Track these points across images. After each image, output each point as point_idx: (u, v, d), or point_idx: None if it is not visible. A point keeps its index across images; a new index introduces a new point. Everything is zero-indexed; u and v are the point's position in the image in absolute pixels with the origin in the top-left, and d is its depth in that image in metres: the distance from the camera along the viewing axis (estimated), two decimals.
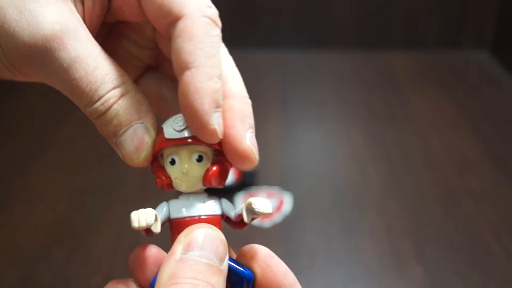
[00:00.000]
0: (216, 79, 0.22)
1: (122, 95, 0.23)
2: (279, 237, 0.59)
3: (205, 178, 0.23)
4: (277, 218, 0.61)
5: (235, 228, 0.25)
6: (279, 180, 0.68)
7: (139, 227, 0.22)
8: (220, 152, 0.24)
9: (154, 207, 0.24)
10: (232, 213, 0.24)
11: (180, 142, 0.23)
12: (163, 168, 0.24)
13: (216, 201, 0.24)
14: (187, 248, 0.21)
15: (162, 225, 0.23)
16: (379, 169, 0.71)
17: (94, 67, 0.22)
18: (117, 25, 0.27)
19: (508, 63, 0.99)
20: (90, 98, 0.22)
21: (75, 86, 0.22)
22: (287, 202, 0.63)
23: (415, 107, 0.87)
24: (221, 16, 0.24)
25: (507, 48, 1.01)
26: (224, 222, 0.25)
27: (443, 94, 0.91)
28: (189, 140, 0.23)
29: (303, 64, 1.02)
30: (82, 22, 0.23)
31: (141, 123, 0.23)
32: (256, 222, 0.60)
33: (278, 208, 0.63)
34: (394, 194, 0.66)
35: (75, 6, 0.23)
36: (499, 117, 0.84)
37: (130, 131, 0.23)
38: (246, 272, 0.23)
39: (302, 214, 0.62)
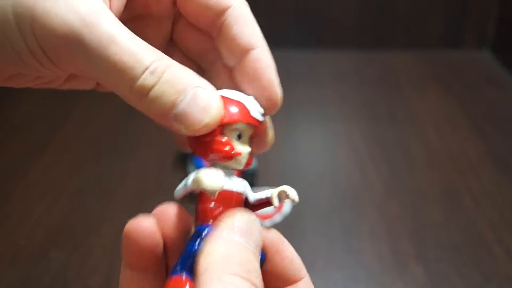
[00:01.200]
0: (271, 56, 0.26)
1: (168, 66, 0.21)
2: None
3: (249, 162, 0.25)
4: (277, 218, 0.61)
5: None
6: (279, 180, 0.67)
7: (211, 188, 0.22)
8: (254, 142, 0.26)
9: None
10: (251, 197, 0.25)
11: (259, 125, 0.25)
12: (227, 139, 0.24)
13: (242, 181, 0.25)
14: (234, 231, 0.21)
15: (189, 194, 0.24)
16: (379, 169, 0.71)
17: (133, 40, 0.21)
18: (132, 20, 0.27)
19: (509, 62, 0.98)
20: (136, 70, 0.21)
21: (117, 61, 0.20)
22: (287, 203, 0.63)
23: (415, 107, 0.87)
24: None
25: (508, 48, 1.01)
26: None
27: (444, 94, 0.91)
28: (264, 125, 0.26)
29: (304, 64, 1.01)
30: (108, 7, 0.22)
31: (198, 86, 0.22)
32: None
33: (278, 208, 0.62)
34: (395, 194, 0.66)
35: None
36: (500, 117, 0.84)
37: (189, 96, 0.21)
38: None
39: (302, 214, 0.62)
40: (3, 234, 0.59)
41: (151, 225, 0.23)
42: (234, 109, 0.24)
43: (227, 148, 0.23)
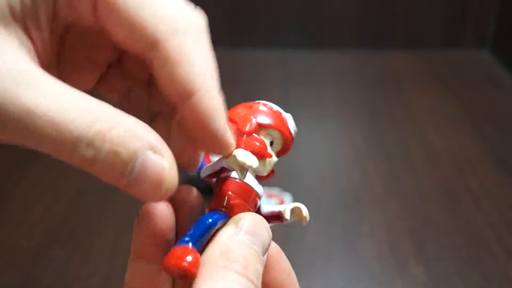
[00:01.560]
0: (218, 91, 0.21)
1: (111, 128, 0.18)
2: (279, 237, 0.58)
3: (270, 174, 0.26)
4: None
5: None
6: (279, 180, 0.67)
7: (250, 165, 0.22)
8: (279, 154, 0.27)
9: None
10: (264, 208, 0.26)
11: (290, 140, 0.26)
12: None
13: (262, 188, 0.26)
14: (240, 230, 0.21)
15: (215, 175, 0.24)
16: (379, 169, 0.71)
17: (60, 109, 0.17)
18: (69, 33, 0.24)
19: (509, 62, 0.98)
20: (70, 146, 0.18)
21: (48, 141, 0.17)
22: (287, 203, 0.63)
23: (415, 107, 0.86)
24: (222, 16, 0.24)
25: (508, 48, 1.01)
26: None
27: (444, 94, 0.91)
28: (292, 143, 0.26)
29: (303, 64, 1.01)
30: (30, 59, 0.19)
31: (147, 150, 0.18)
32: None
33: None
34: (395, 194, 0.66)
35: (20, 41, 0.19)
36: (500, 116, 0.84)
37: (137, 166, 0.18)
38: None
39: None
40: (3, 234, 0.59)
41: (166, 208, 0.22)
42: (272, 115, 0.25)
43: (263, 147, 0.24)
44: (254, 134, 0.24)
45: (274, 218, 0.26)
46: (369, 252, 0.57)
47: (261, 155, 0.24)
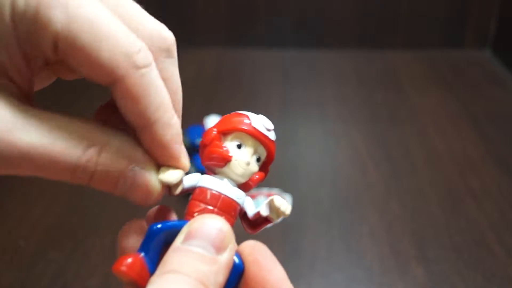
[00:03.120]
0: (174, 120, 0.23)
1: (99, 153, 0.21)
2: (279, 238, 0.59)
3: (252, 180, 0.26)
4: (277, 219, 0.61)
5: (248, 230, 0.26)
6: (279, 180, 0.67)
7: (162, 180, 0.23)
8: (264, 164, 0.27)
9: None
10: (250, 211, 0.26)
11: (263, 138, 0.25)
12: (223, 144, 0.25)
13: (243, 193, 0.26)
14: (186, 238, 0.21)
15: (185, 192, 0.25)
16: (380, 169, 0.70)
17: (52, 144, 0.20)
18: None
19: (510, 62, 0.98)
20: (67, 174, 0.21)
21: (47, 172, 0.21)
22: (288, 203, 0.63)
23: (416, 107, 0.86)
24: (222, 15, 0.24)
25: (509, 48, 1.01)
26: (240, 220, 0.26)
27: (445, 94, 0.91)
28: (271, 141, 0.26)
29: (303, 63, 1.01)
30: (20, 107, 0.21)
31: (133, 167, 0.22)
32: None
33: None
34: (395, 194, 0.66)
35: (8, 91, 0.21)
36: (501, 116, 0.83)
37: (128, 182, 0.22)
38: (237, 262, 0.23)
39: (303, 215, 0.62)
40: (2, 234, 0.59)
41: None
42: (232, 121, 0.25)
43: (219, 149, 0.24)
44: (216, 141, 0.25)
45: (262, 220, 0.26)
46: (369, 253, 0.57)
47: (220, 160, 0.24)
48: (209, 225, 0.22)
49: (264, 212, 0.25)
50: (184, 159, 0.24)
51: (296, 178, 0.69)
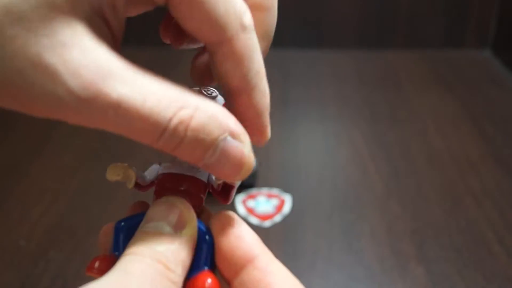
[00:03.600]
0: (267, 92, 0.22)
1: (190, 117, 0.19)
2: (279, 238, 0.59)
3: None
4: (277, 218, 0.61)
5: (222, 201, 0.25)
6: (279, 180, 0.67)
7: (110, 179, 0.23)
8: None
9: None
10: (215, 184, 0.25)
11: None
12: None
13: (205, 171, 0.25)
14: (145, 221, 0.21)
15: (148, 184, 0.24)
16: (380, 169, 0.70)
17: (143, 100, 0.18)
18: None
19: (510, 62, 0.98)
20: (154, 135, 0.19)
21: (133, 130, 0.19)
22: (287, 203, 0.63)
23: (416, 107, 0.86)
24: None
25: (509, 48, 1.01)
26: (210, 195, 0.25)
27: (445, 94, 0.91)
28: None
29: (304, 63, 1.01)
30: (111, 51, 0.19)
31: (225, 137, 0.20)
32: (256, 222, 0.60)
33: (278, 208, 0.62)
34: (395, 194, 0.66)
35: (99, 30, 0.19)
36: (501, 116, 0.83)
37: (217, 152, 0.20)
38: (206, 236, 0.22)
39: (303, 215, 0.62)
40: (2, 234, 0.59)
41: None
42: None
43: None
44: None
45: (227, 187, 0.25)
46: (370, 253, 0.57)
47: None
48: (164, 205, 0.21)
49: (216, 179, 0.24)
50: (269, 131, 0.24)
51: (296, 178, 0.69)
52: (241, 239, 0.22)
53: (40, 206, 0.63)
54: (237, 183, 0.24)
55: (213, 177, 0.25)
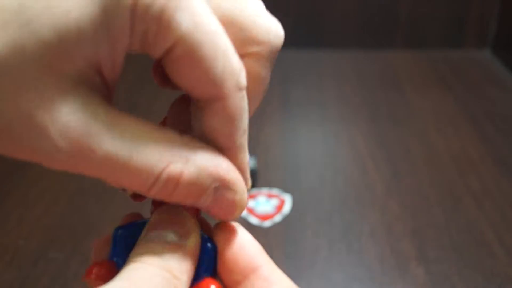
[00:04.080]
0: (246, 150, 0.23)
1: (181, 171, 0.19)
2: (279, 238, 0.59)
3: None
4: (277, 218, 0.61)
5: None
6: (279, 180, 0.67)
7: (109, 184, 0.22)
8: None
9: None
10: None
11: None
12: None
13: None
14: (147, 230, 0.21)
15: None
16: (380, 170, 0.70)
17: (129, 157, 0.18)
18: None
19: (510, 62, 0.98)
20: (145, 187, 0.19)
21: (123, 183, 0.19)
22: (287, 203, 0.63)
23: (416, 107, 0.86)
24: None
25: (509, 48, 1.01)
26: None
27: (444, 94, 0.91)
28: None
29: (304, 64, 1.01)
30: (103, 108, 0.19)
31: (217, 185, 0.20)
32: (256, 222, 0.60)
33: (278, 208, 0.62)
34: (395, 194, 0.66)
35: (91, 86, 0.19)
36: (501, 117, 0.83)
37: (209, 199, 0.20)
38: (208, 244, 0.22)
39: (303, 215, 0.62)
40: (2, 234, 0.59)
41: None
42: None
43: None
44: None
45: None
46: (370, 253, 0.57)
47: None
48: (167, 214, 0.21)
49: None
50: (250, 182, 0.24)
51: (296, 178, 0.69)
52: (245, 248, 0.23)
53: (40, 206, 0.63)
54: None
55: None
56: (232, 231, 0.23)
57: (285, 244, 0.58)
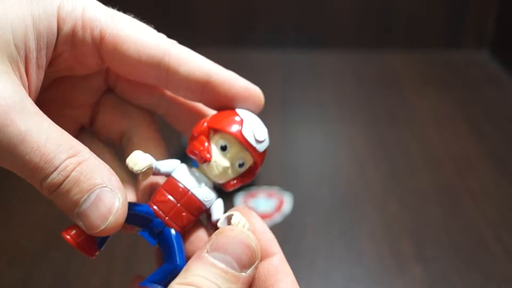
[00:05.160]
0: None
1: (79, 163, 0.21)
2: (279, 237, 0.58)
3: (229, 184, 0.25)
4: (277, 218, 0.61)
5: (209, 229, 0.26)
6: (279, 180, 0.68)
7: (130, 168, 0.23)
8: (248, 170, 0.26)
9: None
10: (214, 216, 0.25)
11: (250, 148, 0.24)
12: (208, 142, 0.24)
13: (214, 196, 0.25)
14: (213, 248, 0.21)
15: (161, 174, 0.25)
16: (379, 170, 0.71)
17: (46, 139, 0.21)
18: (56, 82, 0.27)
19: (509, 63, 0.99)
20: (45, 171, 0.21)
21: (27, 162, 0.20)
22: (287, 202, 0.63)
23: (415, 107, 0.87)
24: (221, 16, 0.25)
25: (508, 48, 1.01)
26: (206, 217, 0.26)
27: (443, 94, 0.91)
28: (257, 152, 0.25)
29: (303, 64, 1.01)
30: (27, 94, 0.22)
31: (105, 186, 0.22)
32: None
33: (278, 208, 0.63)
34: (394, 194, 0.66)
35: (20, 77, 0.22)
36: (499, 117, 0.84)
37: (93, 197, 0.22)
38: (180, 263, 0.23)
39: (302, 215, 0.62)
40: (4, 234, 0.59)
41: None
42: (224, 120, 0.24)
43: (201, 147, 0.24)
44: (201, 136, 0.24)
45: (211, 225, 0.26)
46: (369, 252, 0.57)
47: (200, 158, 0.24)
48: (239, 240, 0.22)
49: (221, 224, 0.24)
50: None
51: (296, 178, 0.69)
52: (262, 237, 0.24)
53: (42, 205, 0.64)
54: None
55: (217, 211, 0.25)
56: (248, 219, 0.24)
57: (285, 244, 0.58)
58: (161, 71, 0.24)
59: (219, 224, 0.24)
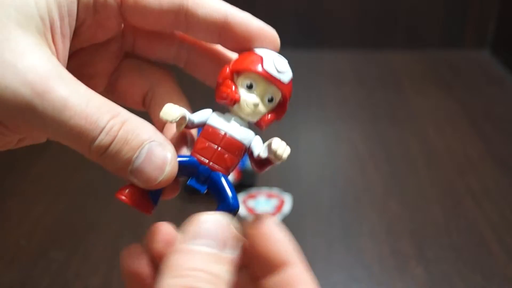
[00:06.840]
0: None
1: (123, 122, 0.22)
2: None
3: (263, 120, 0.26)
4: (277, 218, 0.61)
5: (255, 168, 0.27)
6: (279, 180, 0.67)
7: (162, 118, 0.24)
8: (279, 105, 0.27)
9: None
10: (256, 151, 0.26)
11: (274, 81, 0.25)
12: (234, 84, 0.25)
13: (251, 134, 0.26)
14: (190, 237, 0.21)
15: (195, 127, 0.26)
16: (379, 169, 0.71)
17: (87, 102, 0.21)
18: (80, 51, 0.27)
19: (510, 62, 0.98)
20: (92, 133, 0.21)
21: (73, 126, 0.21)
22: (287, 203, 0.63)
23: (416, 107, 0.86)
24: None
25: (508, 48, 1.01)
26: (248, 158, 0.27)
27: (444, 94, 0.91)
28: (283, 84, 0.26)
29: (303, 64, 1.01)
30: (60, 63, 0.22)
31: (153, 141, 0.22)
32: None
33: (278, 208, 0.62)
34: (395, 194, 0.66)
35: (49, 48, 0.22)
36: (500, 116, 0.84)
37: (144, 152, 0.22)
38: (233, 201, 0.24)
39: (302, 215, 0.62)
40: (3, 234, 0.59)
41: (134, 258, 0.25)
42: (244, 61, 0.25)
43: (228, 89, 0.25)
44: (225, 80, 0.25)
45: (266, 161, 0.26)
46: (369, 253, 0.57)
47: (229, 100, 0.25)
48: (213, 222, 0.22)
49: (263, 153, 0.25)
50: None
51: (296, 178, 0.69)
52: (279, 243, 0.25)
53: (41, 205, 0.64)
54: (278, 162, 0.26)
55: (258, 147, 0.26)
56: (266, 225, 0.25)
57: None
58: (180, 16, 0.25)
59: (261, 153, 0.25)
